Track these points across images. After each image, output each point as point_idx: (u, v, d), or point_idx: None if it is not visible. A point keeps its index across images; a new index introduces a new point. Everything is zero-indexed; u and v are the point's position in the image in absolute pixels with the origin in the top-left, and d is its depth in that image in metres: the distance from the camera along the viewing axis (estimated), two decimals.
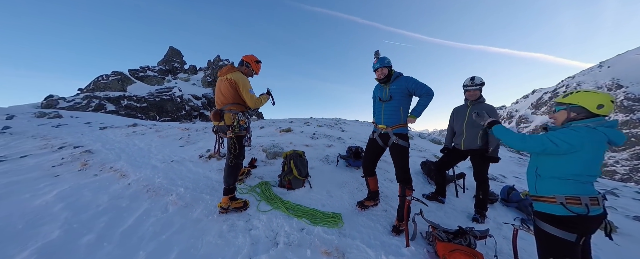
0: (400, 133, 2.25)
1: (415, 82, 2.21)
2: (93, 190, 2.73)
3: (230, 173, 2.31)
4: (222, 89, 2.32)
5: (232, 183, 2.33)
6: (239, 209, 2.34)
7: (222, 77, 2.32)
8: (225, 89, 2.29)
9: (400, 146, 2.22)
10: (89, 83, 25.80)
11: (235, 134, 2.27)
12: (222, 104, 2.33)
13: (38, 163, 3.74)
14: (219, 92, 2.35)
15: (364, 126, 10.87)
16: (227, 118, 2.27)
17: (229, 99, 2.29)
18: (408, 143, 2.26)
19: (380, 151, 2.44)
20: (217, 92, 2.38)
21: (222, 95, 2.32)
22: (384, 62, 2.27)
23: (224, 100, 2.31)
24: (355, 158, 3.78)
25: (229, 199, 2.32)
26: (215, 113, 2.28)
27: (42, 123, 8.91)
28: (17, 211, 2.23)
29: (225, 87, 2.28)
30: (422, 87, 2.19)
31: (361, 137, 6.88)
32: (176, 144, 5.35)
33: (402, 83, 2.23)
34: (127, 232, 1.96)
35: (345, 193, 2.87)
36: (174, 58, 37.91)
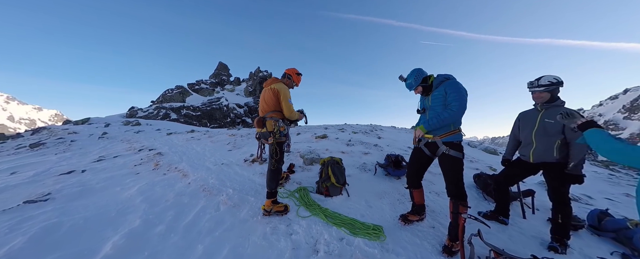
0: (451, 142, 2.01)
1: (453, 91, 1.93)
2: (163, 186, 3.23)
3: (272, 177, 2.45)
4: (265, 98, 2.50)
5: (274, 187, 2.45)
6: (280, 213, 2.43)
7: (267, 87, 2.52)
8: (269, 98, 2.46)
9: (451, 158, 1.98)
10: (159, 96, 31.05)
11: (275, 140, 2.40)
12: (264, 112, 2.50)
13: (125, 163, 4.64)
14: (263, 100, 2.54)
15: (402, 133, 10.26)
16: (268, 125, 2.42)
17: (271, 107, 2.46)
18: (462, 153, 2.00)
19: (427, 162, 2.23)
20: (261, 101, 2.57)
21: (265, 104, 2.51)
22: (412, 85, 2.17)
23: (267, 108, 2.48)
24: (395, 167, 3.58)
25: (271, 202, 2.44)
26: (258, 120, 2.45)
27: (127, 129, 11.05)
28: (111, 201, 2.78)
29: (269, 96, 2.46)
30: (453, 100, 1.92)
31: (399, 145, 6.51)
32: (225, 149, 5.96)
33: (441, 91, 2.02)
34: (188, 226, 2.24)
35: (385, 205, 2.72)
36: (222, 72, 42.88)
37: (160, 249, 1.89)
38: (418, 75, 2.14)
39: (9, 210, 2.52)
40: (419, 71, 2.14)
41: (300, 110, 2.74)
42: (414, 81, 2.15)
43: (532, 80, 2.17)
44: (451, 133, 2.01)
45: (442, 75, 2.09)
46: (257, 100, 36.36)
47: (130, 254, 1.81)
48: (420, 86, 2.15)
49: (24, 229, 2.11)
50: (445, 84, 2.00)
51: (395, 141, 7.05)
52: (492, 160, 6.10)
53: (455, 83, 1.98)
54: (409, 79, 2.18)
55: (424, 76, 2.14)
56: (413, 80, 2.15)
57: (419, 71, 2.14)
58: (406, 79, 2.21)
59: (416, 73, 2.14)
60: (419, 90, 2.18)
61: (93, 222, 2.28)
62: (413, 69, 2.19)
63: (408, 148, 5.96)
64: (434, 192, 3.18)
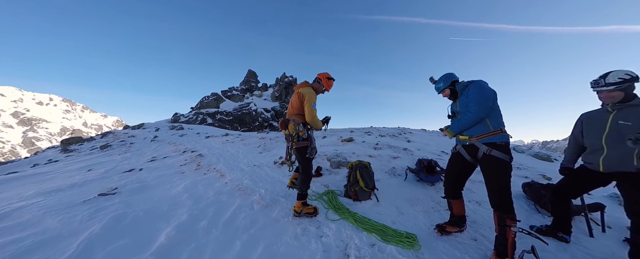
0: (494, 143, 1.82)
1: (473, 92, 1.89)
2: (204, 185, 3.55)
3: (302, 180, 2.49)
4: (292, 101, 2.57)
5: (304, 189, 2.50)
6: (309, 214, 2.48)
7: (296, 90, 2.58)
8: (295, 101, 2.52)
9: (496, 159, 1.79)
10: (197, 103, 34.25)
11: (294, 144, 2.43)
12: (289, 114, 2.57)
13: (172, 163, 5.22)
14: (290, 105, 2.60)
15: (434, 136, 9.61)
16: (290, 127, 2.47)
17: (296, 110, 2.49)
18: (510, 155, 1.80)
19: (468, 169, 2.07)
20: (289, 104, 2.64)
21: (291, 107, 2.57)
22: (439, 87, 2.17)
23: (292, 111, 2.54)
24: (428, 172, 3.38)
25: (301, 204, 2.49)
26: (282, 122, 2.52)
27: (173, 133, 12.42)
28: (163, 197, 3.16)
29: (295, 99, 2.52)
30: (471, 101, 1.88)
31: (431, 149, 6.11)
32: (256, 151, 6.31)
33: (465, 95, 1.97)
34: (227, 222, 2.43)
35: (418, 212, 2.58)
36: (251, 79, 45.61)
37: (204, 242, 2.09)
38: (447, 78, 2.14)
39: (88, 201, 3.03)
40: (449, 75, 2.16)
41: (326, 118, 2.70)
42: (442, 83, 2.16)
43: (597, 79, 1.85)
44: (491, 133, 1.84)
45: (469, 81, 2.04)
46: (283, 105, 37.74)
47: (180, 245, 2.03)
48: (449, 89, 2.13)
49: (99, 218, 2.53)
50: (469, 87, 1.96)
51: (427, 145, 6.64)
52: (544, 167, 5.34)
53: (478, 84, 1.91)
54: (438, 82, 2.20)
55: (454, 79, 2.13)
56: (442, 83, 2.16)
57: (449, 75, 2.16)
58: (436, 82, 2.22)
59: (445, 77, 2.16)
60: (446, 93, 2.17)
61: (150, 214, 2.62)
62: (445, 73, 2.19)
63: (442, 153, 5.56)
64: (474, 201, 2.92)
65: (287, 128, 2.49)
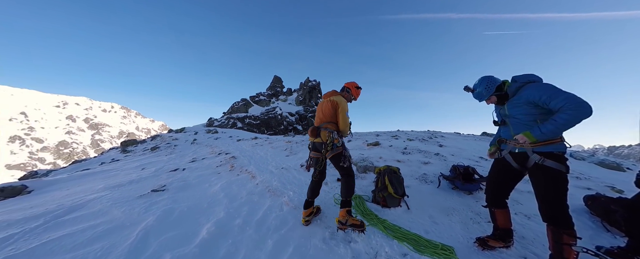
0: (549, 153, 1.61)
1: (548, 90, 1.56)
2: (238, 185, 3.81)
3: (346, 184, 2.35)
4: (323, 109, 2.51)
5: (349, 195, 2.32)
6: (356, 227, 2.19)
7: (327, 99, 2.53)
8: (327, 109, 2.46)
9: (549, 170, 1.59)
10: (229, 108, 36.83)
11: (330, 152, 2.35)
12: (320, 122, 2.50)
13: (210, 164, 5.71)
14: (321, 111, 2.55)
15: (470, 140, 8.83)
16: (323, 135, 2.40)
17: (328, 118, 2.44)
18: (565, 165, 1.59)
19: (515, 176, 1.86)
20: (318, 111, 2.59)
21: (322, 114, 2.51)
22: (482, 95, 1.89)
23: (323, 118, 2.47)
24: (464, 180, 3.13)
25: (346, 213, 2.26)
26: (313, 130, 2.44)
27: (209, 137, 13.54)
28: (203, 195, 3.47)
29: (327, 107, 2.46)
30: (561, 97, 1.49)
31: (467, 154, 5.63)
32: (283, 154, 6.55)
33: (523, 97, 1.68)
34: (259, 222, 2.57)
35: (455, 223, 2.40)
36: (276, 84, 47.56)
37: (239, 239, 2.24)
38: (490, 84, 1.86)
39: (143, 196, 3.48)
40: (490, 79, 1.87)
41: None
42: (485, 90, 1.87)
43: None
44: (547, 142, 1.62)
45: (523, 77, 1.75)
46: (307, 109, 38.46)
47: (219, 239, 2.21)
48: (495, 95, 1.87)
49: (152, 211, 2.88)
50: (531, 87, 1.66)
51: (462, 151, 6.14)
52: (613, 177, 4.51)
53: (544, 84, 1.65)
54: (478, 88, 1.91)
55: (498, 84, 1.85)
56: (484, 89, 1.88)
57: (490, 79, 1.87)
58: (473, 89, 1.95)
59: (487, 82, 1.87)
60: (493, 100, 1.90)
61: (193, 210, 2.91)
62: (482, 77, 1.92)
63: (481, 159, 5.09)
64: (522, 214, 2.61)
65: (319, 136, 2.43)
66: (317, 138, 2.45)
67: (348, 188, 2.34)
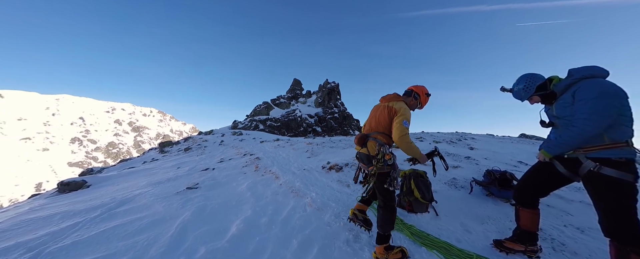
0: (607, 159, 1.40)
1: (583, 96, 1.42)
2: (263, 185, 3.97)
3: (384, 217, 1.91)
4: (378, 115, 2.05)
5: (387, 229, 1.90)
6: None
7: (384, 103, 2.07)
8: (382, 116, 2.00)
9: (608, 179, 1.38)
10: (251, 111, 38.48)
11: (377, 169, 1.91)
12: (370, 130, 2.08)
13: (236, 164, 6.03)
14: (373, 117, 2.11)
15: (506, 142, 8.08)
16: (371, 146, 1.96)
17: (380, 127, 1.99)
18: (633, 174, 1.36)
19: (558, 180, 1.68)
20: (370, 118, 2.15)
21: (374, 121, 2.06)
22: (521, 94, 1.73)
23: (375, 126, 2.04)
24: (501, 186, 2.88)
25: (384, 249, 1.89)
26: (361, 138, 2.04)
27: (234, 138, 14.29)
28: (231, 193, 3.68)
29: (382, 114, 2.00)
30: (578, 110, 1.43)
31: (502, 158, 5.17)
32: (304, 155, 6.66)
33: (569, 96, 1.51)
34: (284, 221, 2.65)
35: (491, 232, 2.23)
36: (296, 87, 48.54)
37: (266, 237, 2.33)
38: (530, 82, 1.68)
39: (180, 192, 3.80)
40: (530, 77, 1.70)
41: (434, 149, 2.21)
42: (524, 90, 1.71)
43: None
44: (605, 146, 1.41)
45: (581, 70, 1.52)
46: (326, 110, 38.59)
47: (248, 236, 2.33)
48: (537, 95, 1.70)
49: (188, 207, 3.14)
50: (578, 86, 1.47)
51: (496, 154, 5.65)
52: None
53: (593, 83, 1.42)
54: (517, 86, 1.75)
55: (539, 83, 1.67)
56: (523, 89, 1.71)
57: (530, 77, 1.70)
58: (512, 89, 1.79)
59: (526, 81, 1.70)
60: (536, 99, 1.73)
61: (223, 208, 3.10)
62: (522, 75, 1.75)
63: (519, 163, 4.64)
64: (573, 226, 2.32)
65: (366, 146, 2.01)
66: (364, 148, 2.03)
67: (386, 220, 1.89)
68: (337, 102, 42.61)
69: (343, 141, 8.87)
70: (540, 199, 1.81)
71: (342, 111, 40.76)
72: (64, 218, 3.04)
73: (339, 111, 40.04)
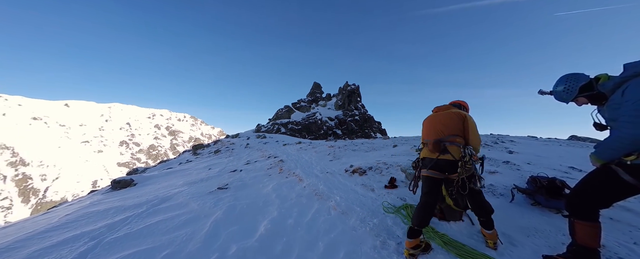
0: None
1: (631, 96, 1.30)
2: (287, 187, 4.07)
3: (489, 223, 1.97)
4: (443, 121, 2.08)
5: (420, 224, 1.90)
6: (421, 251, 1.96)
7: (446, 110, 2.17)
8: (449, 120, 2.04)
9: None
10: (273, 115, 39.78)
11: (464, 172, 1.89)
12: (442, 134, 2.02)
13: (261, 166, 6.27)
14: (439, 123, 2.10)
15: (553, 145, 7.16)
16: (453, 150, 1.91)
17: (452, 130, 1.99)
18: None
19: (623, 190, 1.46)
20: (435, 123, 2.13)
21: (442, 126, 2.05)
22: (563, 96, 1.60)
23: (446, 130, 2.01)
24: (549, 195, 2.57)
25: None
26: (436, 144, 1.97)
27: (259, 141, 14.89)
28: (258, 194, 3.83)
29: (450, 119, 2.04)
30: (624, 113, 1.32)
31: (549, 163, 4.60)
32: (327, 158, 6.67)
33: (618, 97, 1.38)
34: (309, 224, 2.68)
35: (541, 246, 1.99)
36: (316, 91, 49.03)
37: (292, 238, 2.38)
38: (571, 83, 1.56)
39: (212, 192, 4.07)
40: (572, 77, 1.57)
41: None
42: (566, 92, 1.59)
43: None
44: None
45: (632, 67, 1.36)
46: (346, 113, 38.27)
47: (275, 237, 2.40)
48: (583, 96, 1.56)
49: (219, 206, 3.34)
50: (628, 84, 1.34)
51: (541, 158, 5.05)
52: None
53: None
54: (557, 88, 1.63)
55: (583, 83, 1.53)
56: (564, 91, 1.59)
57: (572, 77, 1.57)
58: (552, 91, 1.68)
59: (567, 81, 1.58)
60: (584, 101, 1.60)
61: (251, 208, 3.24)
62: (562, 76, 1.62)
63: (571, 169, 4.10)
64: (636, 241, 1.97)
65: (448, 152, 1.93)
66: (446, 154, 1.94)
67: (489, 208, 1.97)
68: (358, 104, 42.04)
69: (365, 144, 8.70)
70: (601, 211, 1.58)
71: (362, 113, 40.09)
72: (117, 212, 3.44)
73: (359, 113, 39.45)
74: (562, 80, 1.62)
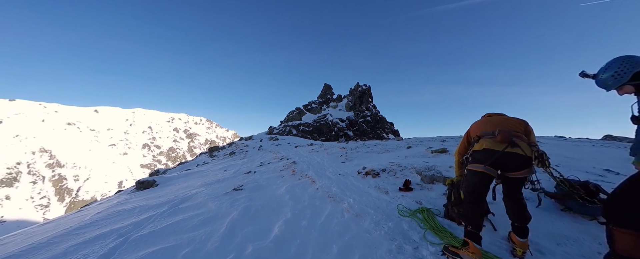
0: None
1: None
2: (300, 189, 4.11)
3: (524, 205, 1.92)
4: (506, 120, 2.03)
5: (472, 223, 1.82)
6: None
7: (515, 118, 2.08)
8: (514, 121, 2.00)
9: None
10: (285, 117, 40.27)
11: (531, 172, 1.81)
12: (514, 129, 1.91)
13: (274, 168, 6.37)
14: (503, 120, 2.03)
15: (585, 146, 6.63)
16: (524, 146, 1.75)
17: (519, 131, 1.90)
18: None
19: None
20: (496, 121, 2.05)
21: (508, 123, 1.97)
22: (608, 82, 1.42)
23: (513, 128, 1.90)
24: (583, 200, 2.38)
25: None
26: (507, 135, 1.78)
27: (271, 143, 15.14)
28: (272, 196, 3.90)
29: (513, 120, 2.01)
30: None
31: (582, 165, 4.25)
32: (339, 160, 6.65)
33: None
34: (323, 226, 2.68)
35: (574, 256, 1.84)
36: (326, 92, 49.07)
37: (306, 240, 2.39)
38: (626, 67, 1.36)
39: (228, 193, 4.20)
40: (628, 61, 1.36)
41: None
42: (613, 78, 1.39)
43: None
44: None
45: None
46: (357, 114, 37.90)
47: (290, 238, 2.43)
48: (631, 84, 1.37)
49: (235, 206, 3.44)
50: None
51: (573, 160, 4.69)
52: None
53: None
54: (606, 73, 1.43)
55: (638, 69, 1.34)
56: (611, 76, 1.40)
57: (628, 61, 1.36)
58: (596, 75, 1.50)
59: (622, 64, 1.37)
60: (628, 89, 1.41)
61: (265, 209, 3.30)
62: (616, 58, 1.43)
63: (607, 172, 3.77)
64: None
65: (517, 145, 1.75)
66: (515, 147, 1.74)
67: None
68: (369, 104, 41.51)
69: (378, 145, 8.56)
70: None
71: (374, 114, 39.51)
72: (142, 211, 3.65)
73: (371, 114, 38.93)
74: (615, 62, 1.41)
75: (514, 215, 1.95)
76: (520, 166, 1.79)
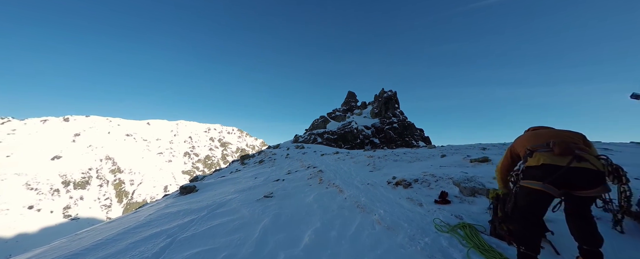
0: None
1: None
2: (328, 198, 4.09)
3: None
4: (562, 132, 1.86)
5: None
6: None
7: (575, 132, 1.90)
8: (571, 133, 1.83)
9: None
10: (310, 125, 40.93)
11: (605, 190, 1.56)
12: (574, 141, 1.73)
13: (302, 176, 6.48)
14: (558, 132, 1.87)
15: None
16: (592, 159, 1.53)
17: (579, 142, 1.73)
18: None
19: None
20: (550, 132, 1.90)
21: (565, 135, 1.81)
22: None
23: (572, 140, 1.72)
24: None
25: None
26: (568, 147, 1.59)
27: (298, 152, 15.47)
28: (301, 204, 3.96)
29: (569, 132, 1.85)
30: None
31: None
32: (366, 169, 6.48)
33: None
34: (352, 237, 2.62)
35: None
36: (351, 100, 48.74)
37: (337, 251, 2.36)
38: None
39: (259, 200, 4.39)
40: None
41: None
42: None
43: None
44: None
45: None
46: (383, 121, 36.65)
47: (320, 248, 2.42)
48: None
49: (267, 213, 3.57)
50: None
51: None
52: None
53: None
54: None
55: None
56: None
57: None
58: None
59: None
60: None
61: (295, 217, 3.36)
62: None
63: None
64: None
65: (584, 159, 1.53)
66: (583, 162, 1.51)
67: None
68: (396, 111, 39.95)
69: (408, 153, 8.13)
70: None
71: (401, 120, 37.81)
72: (186, 214, 4.02)
73: (398, 120, 37.33)
74: None
75: (581, 236, 1.66)
76: (592, 183, 1.53)
